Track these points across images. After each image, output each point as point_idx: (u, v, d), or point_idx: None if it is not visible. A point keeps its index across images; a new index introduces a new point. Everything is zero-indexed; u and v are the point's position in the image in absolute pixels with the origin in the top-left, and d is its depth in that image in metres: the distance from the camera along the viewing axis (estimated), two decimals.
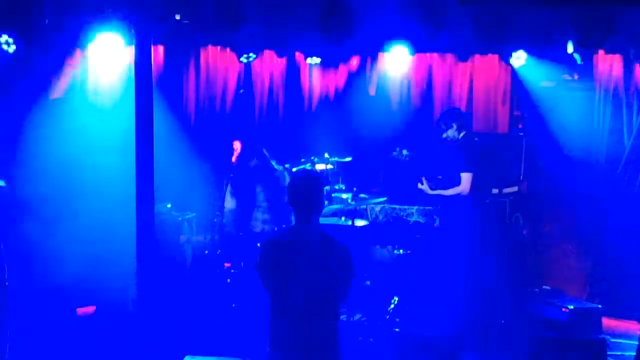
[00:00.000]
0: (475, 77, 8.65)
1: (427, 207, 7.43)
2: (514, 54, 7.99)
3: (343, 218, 7.42)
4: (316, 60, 8.56)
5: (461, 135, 7.04)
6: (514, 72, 8.44)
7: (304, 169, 7.03)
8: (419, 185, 7.10)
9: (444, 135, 7.12)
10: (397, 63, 8.42)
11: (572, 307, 6.82)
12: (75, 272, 7.54)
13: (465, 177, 6.85)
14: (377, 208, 7.46)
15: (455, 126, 7.02)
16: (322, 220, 7.40)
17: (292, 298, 4.04)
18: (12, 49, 7.31)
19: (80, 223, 7.83)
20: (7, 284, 4.86)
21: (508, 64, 8.33)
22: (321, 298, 4.04)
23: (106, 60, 8.09)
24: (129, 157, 5.44)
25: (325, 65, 8.73)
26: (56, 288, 7.28)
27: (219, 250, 6.57)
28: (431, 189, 7.02)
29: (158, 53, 8.17)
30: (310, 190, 4.13)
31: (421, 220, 7.49)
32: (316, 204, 4.14)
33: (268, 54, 8.62)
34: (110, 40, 7.55)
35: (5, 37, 7.21)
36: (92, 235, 7.90)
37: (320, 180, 4.19)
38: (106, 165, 7.96)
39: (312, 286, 4.02)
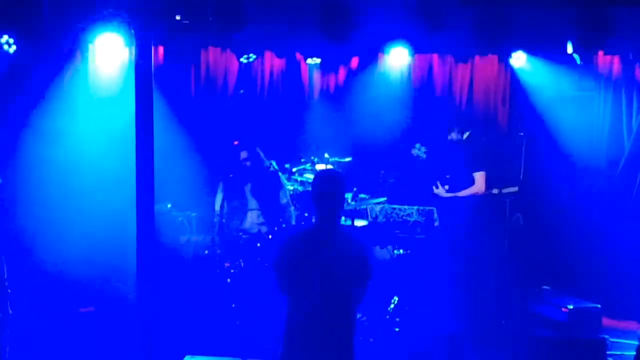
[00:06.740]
0: (475, 77, 8.65)
1: (427, 207, 7.42)
2: (514, 55, 7.98)
3: (343, 218, 7.42)
4: (316, 60, 8.56)
5: (466, 135, 7.04)
6: (513, 72, 8.44)
7: (329, 169, 7.01)
8: (434, 190, 7.10)
9: (449, 137, 7.12)
10: (397, 64, 8.42)
11: (572, 307, 6.82)
12: (75, 272, 7.55)
13: (479, 176, 6.87)
14: (377, 208, 7.46)
15: (459, 127, 7.03)
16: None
17: (310, 297, 4.03)
18: (12, 49, 7.33)
19: (80, 223, 7.83)
20: (6, 284, 4.86)
21: (508, 64, 8.34)
22: (338, 298, 4.04)
23: (106, 60, 8.11)
24: (129, 157, 5.45)
25: (325, 65, 8.73)
26: (56, 288, 7.29)
27: (219, 250, 6.57)
28: (446, 191, 7.01)
29: (158, 53, 8.17)
30: (336, 191, 4.13)
31: (421, 220, 7.48)
32: (340, 204, 4.15)
33: (268, 54, 8.63)
34: (111, 41, 7.58)
35: (5, 38, 7.23)
36: (92, 236, 7.91)
37: (344, 180, 4.21)
38: (106, 165, 7.97)
39: (331, 286, 4.01)
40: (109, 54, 7.95)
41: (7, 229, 6.94)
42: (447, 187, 7.11)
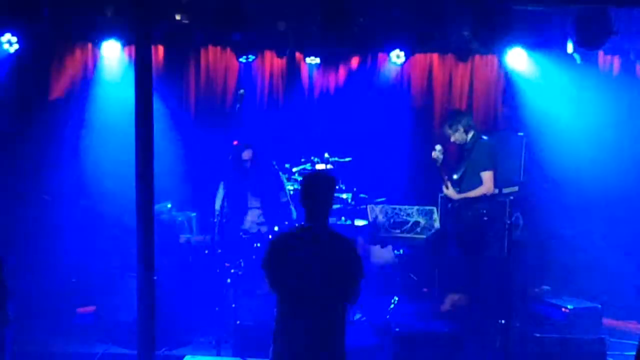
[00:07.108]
0: (476, 77, 8.65)
1: (427, 207, 7.42)
2: (514, 54, 7.97)
3: (343, 218, 7.42)
4: (316, 60, 8.56)
5: (470, 136, 7.04)
6: (513, 72, 8.42)
7: (317, 169, 7.03)
8: (444, 190, 7.11)
9: (452, 139, 7.12)
10: (397, 63, 8.41)
11: (572, 307, 6.81)
12: (75, 272, 7.55)
13: (487, 176, 6.90)
14: (377, 208, 7.46)
15: (462, 128, 7.03)
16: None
17: (301, 297, 4.04)
18: (13, 48, 7.33)
19: (79, 223, 7.83)
20: (6, 284, 4.85)
21: (508, 64, 8.31)
22: (329, 298, 4.05)
23: (107, 58, 8.10)
24: (128, 157, 5.44)
25: (325, 65, 8.73)
26: (56, 288, 7.28)
27: (219, 250, 6.57)
28: (456, 192, 7.02)
29: (158, 53, 8.18)
30: (323, 190, 4.16)
31: (421, 220, 7.48)
32: (328, 204, 4.17)
33: (268, 54, 8.63)
34: (110, 40, 7.58)
35: (7, 36, 7.23)
36: (92, 236, 7.91)
37: (334, 181, 4.22)
38: (106, 165, 7.97)
39: (321, 286, 4.02)
40: (109, 53, 7.94)
41: (5, 229, 6.95)
42: (452, 186, 7.10)
